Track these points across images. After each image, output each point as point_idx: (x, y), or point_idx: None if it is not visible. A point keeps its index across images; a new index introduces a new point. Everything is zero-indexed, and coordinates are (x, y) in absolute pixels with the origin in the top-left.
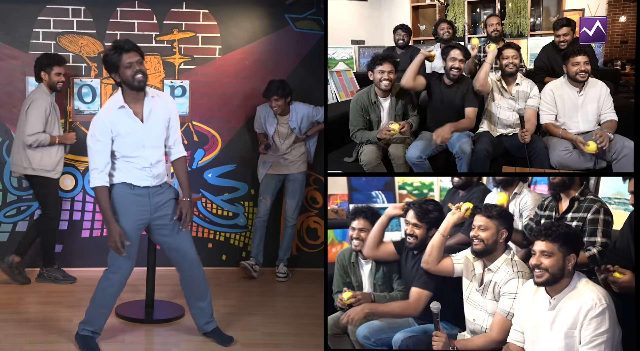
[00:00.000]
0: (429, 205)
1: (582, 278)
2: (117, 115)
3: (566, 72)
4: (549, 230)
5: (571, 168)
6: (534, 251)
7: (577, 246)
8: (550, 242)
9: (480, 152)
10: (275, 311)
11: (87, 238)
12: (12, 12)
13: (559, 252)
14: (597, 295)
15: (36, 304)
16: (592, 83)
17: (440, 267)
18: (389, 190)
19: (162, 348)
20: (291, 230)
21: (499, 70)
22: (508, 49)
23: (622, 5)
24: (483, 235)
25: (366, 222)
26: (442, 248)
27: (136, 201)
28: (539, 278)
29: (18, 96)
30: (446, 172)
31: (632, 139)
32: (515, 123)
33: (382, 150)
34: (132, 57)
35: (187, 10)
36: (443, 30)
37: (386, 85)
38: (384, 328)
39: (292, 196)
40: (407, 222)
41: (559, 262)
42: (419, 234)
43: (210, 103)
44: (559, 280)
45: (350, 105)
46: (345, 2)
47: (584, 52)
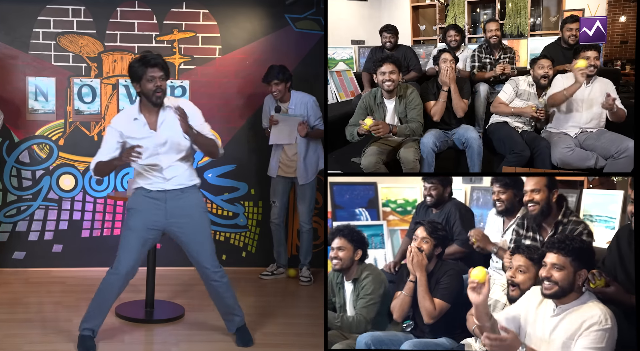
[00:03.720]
0: (438, 224)
1: (592, 297)
2: (131, 124)
3: (575, 66)
4: (563, 243)
5: (572, 166)
6: (545, 263)
7: (589, 262)
8: (562, 256)
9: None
10: (275, 311)
11: (87, 238)
12: (12, 12)
13: (570, 266)
14: (605, 314)
15: (36, 304)
16: (599, 79)
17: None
18: (373, 207)
19: (162, 348)
20: (307, 235)
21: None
22: (544, 59)
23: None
24: (520, 278)
25: (344, 240)
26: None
27: (150, 204)
28: (548, 290)
29: (18, 96)
30: (446, 172)
31: (632, 139)
32: (529, 122)
33: (387, 154)
34: (156, 72)
35: (187, 10)
36: (451, 37)
37: (389, 85)
38: (385, 340)
39: (302, 201)
40: (415, 238)
41: (570, 276)
42: (426, 249)
43: (210, 103)
44: (567, 294)
45: (358, 103)
46: (345, 2)
47: (594, 48)
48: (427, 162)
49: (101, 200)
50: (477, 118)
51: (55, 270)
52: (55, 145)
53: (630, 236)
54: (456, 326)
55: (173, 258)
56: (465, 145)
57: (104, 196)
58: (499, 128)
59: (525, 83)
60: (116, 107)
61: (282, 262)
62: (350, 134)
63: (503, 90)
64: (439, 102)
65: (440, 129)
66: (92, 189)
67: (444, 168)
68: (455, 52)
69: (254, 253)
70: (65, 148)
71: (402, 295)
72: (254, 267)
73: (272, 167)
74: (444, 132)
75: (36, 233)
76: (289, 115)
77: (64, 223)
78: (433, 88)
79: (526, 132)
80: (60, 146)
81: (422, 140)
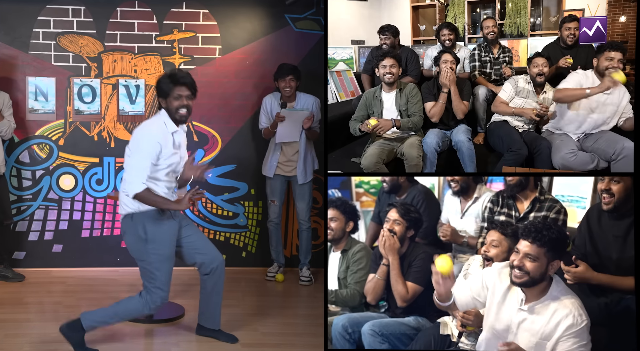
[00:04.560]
0: (411, 207)
1: (559, 285)
2: (167, 138)
3: (596, 65)
4: (540, 234)
5: (574, 170)
6: (518, 249)
7: (562, 252)
8: (538, 247)
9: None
10: (275, 311)
11: (87, 238)
12: (12, 12)
13: (544, 257)
14: (578, 309)
15: (36, 304)
16: (620, 86)
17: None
18: (346, 188)
19: (162, 348)
20: (306, 233)
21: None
22: (538, 57)
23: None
24: (493, 252)
25: (337, 211)
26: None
27: (170, 226)
28: (518, 279)
29: (18, 96)
30: (446, 172)
31: (632, 139)
32: (531, 121)
33: (388, 154)
34: (184, 91)
35: (187, 10)
36: (445, 36)
37: (389, 78)
38: (362, 321)
39: (301, 199)
40: (387, 220)
41: (542, 267)
42: (398, 231)
43: (210, 103)
44: (537, 284)
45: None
46: (345, 2)
47: (621, 49)
48: (430, 161)
49: (101, 200)
50: (478, 119)
51: (55, 270)
52: (55, 145)
53: (600, 214)
54: (430, 307)
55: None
56: (455, 148)
57: (104, 196)
58: (499, 126)
59: (523, 81)
60: (116, 107)
61: (281, 261)
62: (353, 129)
63: (503, 89)
64: (438, 103)
65: (440, 129)
66: (92, 189)
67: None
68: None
69: (254, 253)
70: (65, 148)
71: (376, 279)
72: (254, 267)
73: (270, 165)
74: (443, 132)
75: (36, 233)
76: (295, 110)
77: (64, 223)
78: (433, 89)
79: (526, 131)
80: (60, 146)
81: (424, 140)
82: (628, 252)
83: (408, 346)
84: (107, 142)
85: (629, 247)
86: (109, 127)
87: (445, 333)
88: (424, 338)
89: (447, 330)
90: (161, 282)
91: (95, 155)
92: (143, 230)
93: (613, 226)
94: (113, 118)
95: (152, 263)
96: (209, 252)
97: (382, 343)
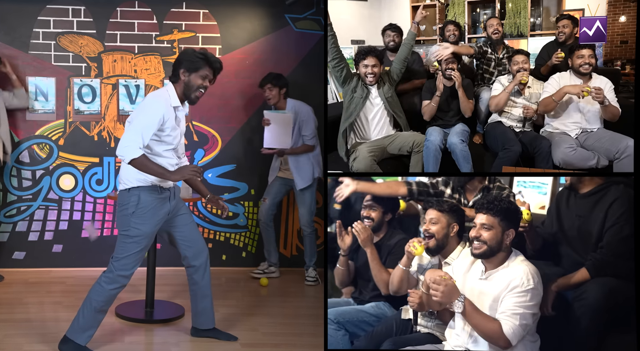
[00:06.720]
0: None
1: (518, 256)
2: (170, 111)
3: (571, 65)
4: (491, 204)
5: (575, 166)
6: (475, 223)
7: (516, 222)
8: (491, 216)
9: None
10: (275, 311)
11: (87, 238)
12: (12, 12)
13: (498, 226)
14: (528, 274)
15: (36, 304)
16: (596, 77)
17: (394, 281)
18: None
19: (162, 348)
20: (310, 238)
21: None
22: (518, 55)
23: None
24: (434, 228)
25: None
26: (406, 278)
27: (163, 206)
28: (477, 250)
29: None
30: (445, 173)
31: (631, 138)
32: (520, 118)
33: (378, 154)
34: (211, 74)
35: (187, 10)
36: (449, 32)
37: (371, 80)
38: (344, 311)
39: (302, 204)
40: (364, 206)
41: (498, 236)
42: (375, 217)
43: (210, 103)
44: (495, 254)
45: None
46: (345, 2)
47: (588, 46)
48: (436, 158)
49: (101, 200)
50: (480, 119)
51: (55, 270)
52: (55, 145)
53: (568, 196)
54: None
55: (173, 258)
56: (449, 150)
57: (104, 196)
58: (494, 127)
59: (506, 80)
60: (116, 107)
61: (272, 260)
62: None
63: (493, 89)
64: (430, 104)
65: (441, 127)
66: (92, 189)
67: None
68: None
69: (254, 253)
70: (65, 148)
71: (337, 267)
72: (254, 267)
73: (272, 168)
74: (444, 131)
75: (36, 233)
76: (278, 112)
77: (64, 223)
78: (434, 87)
79: (525, 132)
80: (60, 146)
81: (429, 139)
82: (591, 227)
83: (367, 333)
84: (107, 142)
85: (592, 223)
86: (109, 127)
87: (407, 318)
88: (386, 323)
89: (409, 315)
90: (129, 257)
91: (95, 155)
92: (136, 201)
93: (578, 206)
94: (113, 118)
95: (129, 236)
96: (195, 245)
97: (338, 330)
